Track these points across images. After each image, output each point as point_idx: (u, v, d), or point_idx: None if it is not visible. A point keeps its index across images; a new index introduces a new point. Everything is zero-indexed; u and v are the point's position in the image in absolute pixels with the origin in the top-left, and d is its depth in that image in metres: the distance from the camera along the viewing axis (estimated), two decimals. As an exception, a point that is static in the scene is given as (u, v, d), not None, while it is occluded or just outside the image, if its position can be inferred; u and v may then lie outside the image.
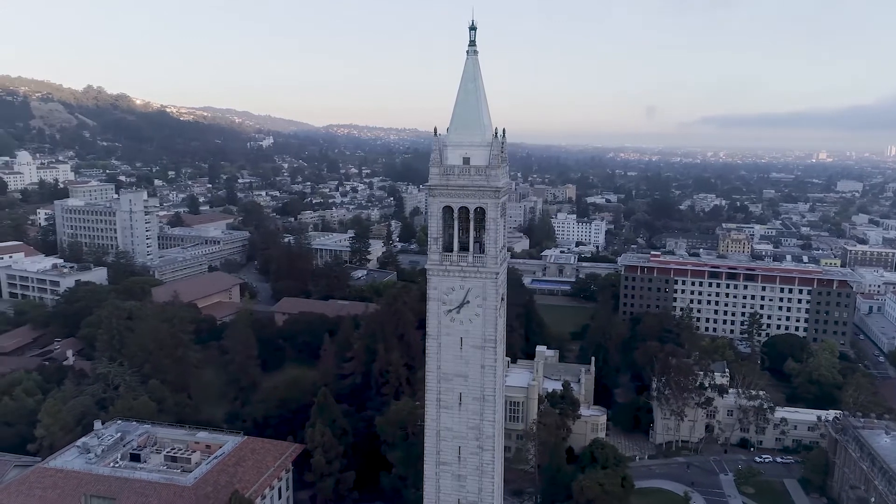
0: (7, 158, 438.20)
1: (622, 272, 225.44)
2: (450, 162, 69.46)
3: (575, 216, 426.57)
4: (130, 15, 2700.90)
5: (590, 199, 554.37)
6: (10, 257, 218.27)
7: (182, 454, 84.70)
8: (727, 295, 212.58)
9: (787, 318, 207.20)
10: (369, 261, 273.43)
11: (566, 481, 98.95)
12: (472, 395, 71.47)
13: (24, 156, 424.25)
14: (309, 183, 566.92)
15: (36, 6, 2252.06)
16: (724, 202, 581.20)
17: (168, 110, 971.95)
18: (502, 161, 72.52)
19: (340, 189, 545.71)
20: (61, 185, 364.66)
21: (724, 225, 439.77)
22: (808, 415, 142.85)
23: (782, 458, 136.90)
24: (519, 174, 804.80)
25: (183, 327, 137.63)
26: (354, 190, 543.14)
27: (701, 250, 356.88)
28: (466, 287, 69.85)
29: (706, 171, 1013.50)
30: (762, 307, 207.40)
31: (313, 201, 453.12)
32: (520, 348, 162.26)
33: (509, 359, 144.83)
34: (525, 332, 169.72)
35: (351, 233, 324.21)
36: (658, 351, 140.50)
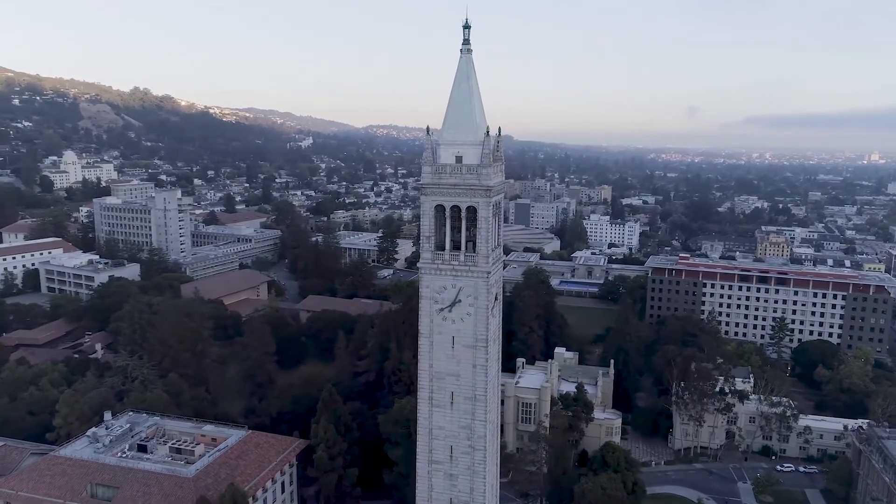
0: (55, 158, 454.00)
1: (649, 274, 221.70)
2: (442, 160, 69.54)
3: (608, 217, 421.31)
4: (180, 18, 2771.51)
5: (626, 201, 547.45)
6: (50, 253, 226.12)
7: (187, 446, 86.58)
8: (758, 299, 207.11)
9: (821, 324, 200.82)
10: (397, 260, 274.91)
11: (571, 484, 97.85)
12: (464, 394, 71.39)
13: (69, 155, 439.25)
14: (344, 183, 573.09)
15: (88, 10, 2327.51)
16: (765, 204, 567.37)
17: (211, 111, 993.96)
18: (496, 160, 72.22)
19: (375, 189, 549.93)
20: (103, 184, 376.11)
21: (763, 227, 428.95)
22: (835, 423, 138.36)
23: (806, 468, 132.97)
24: (556, 175, 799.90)
25: (203, 323, 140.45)
26: (388, 190, 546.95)
27: (737, 253, 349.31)
28: (458, 286, 69.79)
29: (750, 172, 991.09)
30: (794, 312, 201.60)
31: (346, 201, 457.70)
32: (539, 350, 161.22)
33: (524, 360, 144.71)
34: (545, 333, 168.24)
35: (380, 232, 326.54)
36: (676, 355, 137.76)
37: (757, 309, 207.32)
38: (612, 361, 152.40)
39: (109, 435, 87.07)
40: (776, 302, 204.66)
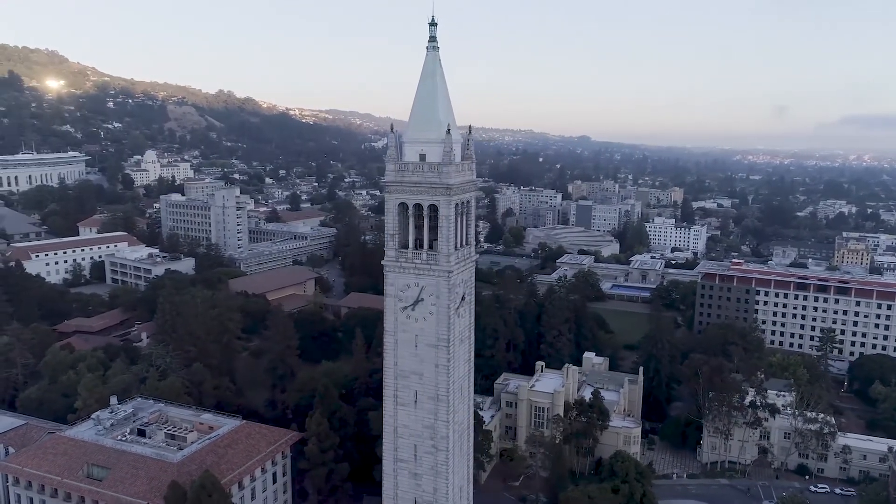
0: (138, 157, 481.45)
1: (699, 280, 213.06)
2: (407, 158, 69.47)
3: (674, 221, 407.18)
4: (269, 24, 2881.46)
5: (698, 204, 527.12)
6: (115, 246, 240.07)
7: (181, 433, 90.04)
8: (815, 309, 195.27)
9: (885, 337, 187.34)
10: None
11: (560, 491, 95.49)
12: (428, 393, 71.09)
13: (149, 154, 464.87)
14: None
15: (183, 17, 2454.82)
16: (853, 209, 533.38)
17: (291, 113, 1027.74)
18: (465, 158, 71.63)
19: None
20: (178, 182, 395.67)
21: (844, 234, 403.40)
22: (880, 444, 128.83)
23: (842, 490, 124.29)
24: (629, 177, 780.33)
25: (230, 315, 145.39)
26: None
27: (810, 260, 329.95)
28: (421, 285, 69.57)
29: (842, 175, 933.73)
30: (854, 324, 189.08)
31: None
32: (568, 354, 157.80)
33: (543, 363, 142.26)
34: (575, 337, 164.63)
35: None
36: (703, 364, 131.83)
37: (814, 319, 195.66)
38: (640, 369, 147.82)
39: (111, 419, 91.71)
40: (835, 312, 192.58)
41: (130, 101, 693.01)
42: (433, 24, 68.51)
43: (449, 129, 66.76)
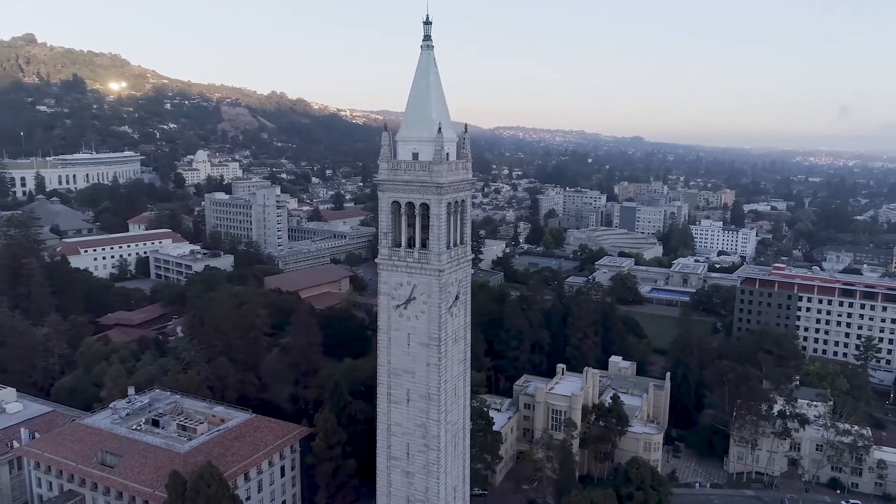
0: (191, 157, 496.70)
1: (738, 285, 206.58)
2: (400, 157, 69.63)
3: (721, 224, 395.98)
4: (323, 26, 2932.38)
5: (750, 206, 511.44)
6: (160, 243, 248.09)
7: (192, 424, 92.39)
8: (861, 317, 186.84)
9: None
10: (481, 260, 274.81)
11: (562, 495, 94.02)
12: (419, 392, 71.09)
13: (200, 154, 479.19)
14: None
15: (240, 20, 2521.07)
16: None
17: (342, 113, 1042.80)
18: (460, 157, 71.41)
19: (485, 189, 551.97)
20: (226, 182, 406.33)
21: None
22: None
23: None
24: (681, 178, 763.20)
25: (256, 311, 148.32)
26: (497, 191, 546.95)
27: (865, 266, 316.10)
28: (413, 283, 69.60)
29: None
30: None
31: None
32: (594, 357, 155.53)
33: (564, 366, 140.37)
34: (603, 341, 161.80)
35: (478, 231, 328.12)
36: (729, 371, 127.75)
37: (860, 328, 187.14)
38: (668, 374, 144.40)
39: (128, 408, 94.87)
40: (882, 321, 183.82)
41: (187, 102, 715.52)
42: (427, 22, 68.44)
43: (440, 129, 66.49)
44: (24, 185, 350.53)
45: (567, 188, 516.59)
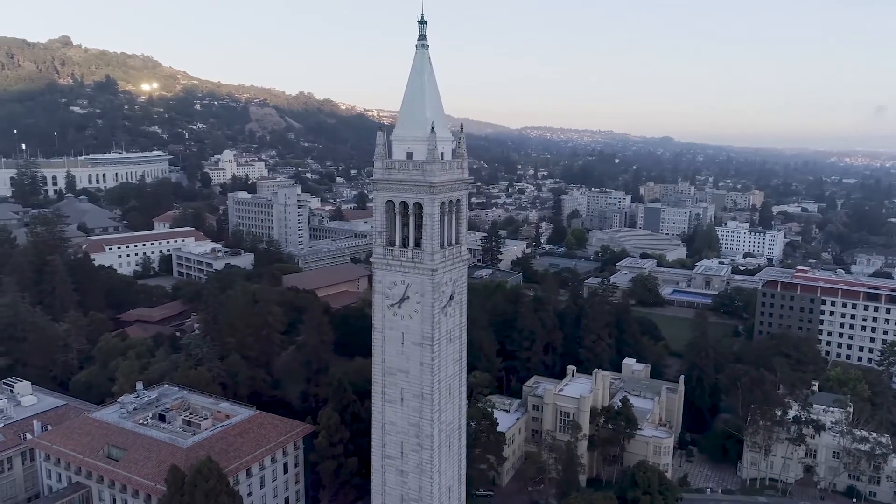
0: (218, 157, 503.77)
1: (759, 288, 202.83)
2: (395, 156, 69.82)
3: (748, 225, 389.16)
4: (349, 28, 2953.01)
5: (780, 208, 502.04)
6: (183, 241, 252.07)
7: (197, 420, 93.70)
8: (887, 321, 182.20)
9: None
10: (500, 260, 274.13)
11: (562, 498, 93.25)
12: (413, 391, 71.14)
13: (227, 154, 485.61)
14: (479, 183, 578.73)
15: (273, 19, 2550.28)
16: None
17: (369, 114, 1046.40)
18: (456, 157, 71.37)
19: (509, 190, 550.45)
20: (251, 181, 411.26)
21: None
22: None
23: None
24: (710, 179, 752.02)
25: (270, 310, 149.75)
26: (521, 191, 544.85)
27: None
28: (406, 282, 69.67)
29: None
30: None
31: (475, 201, 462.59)
32: (608, 359, 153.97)
33: (574, 368, 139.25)
34: (617, 342, 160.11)
35: (498, 231, 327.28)
36: (742, 374, 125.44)
37: (885, 332, 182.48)
38: (681, 377, 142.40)
39: (135, 403, 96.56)
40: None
41: (216, 103, 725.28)
42: (422, 21, 68.49)
43: (433, 128, 66.43)
44: (55, 183, 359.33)
45: (592, 189, 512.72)
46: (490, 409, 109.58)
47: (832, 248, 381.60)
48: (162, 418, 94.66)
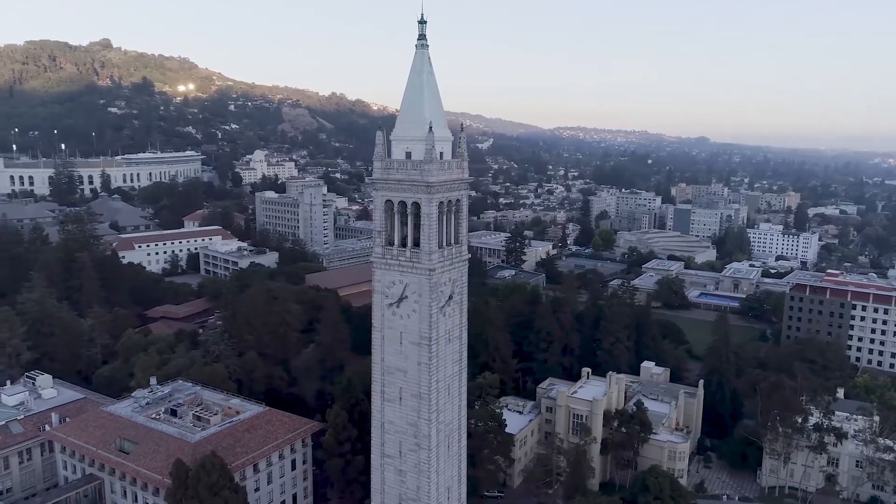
0: (249, 157, 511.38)
1: (788, 291, 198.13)
2: (394, 156, 69.92)
3: (781, 227, 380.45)
4: (384, 28, 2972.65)
5: (818, 210, 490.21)
6: (210, 239, 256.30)
7: (207, 415, 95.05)
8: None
9: None
10: (524, 262, 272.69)
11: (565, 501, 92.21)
12: (411, 391, 71.15)
13: (258, 154, 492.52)
14: (507, 184, 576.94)
15: (304, 22, 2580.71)
16: None
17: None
18: (456, 156, 71.23)
19: (538, 190, 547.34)
20: (280, 181, 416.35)
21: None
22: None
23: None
24: (745, 180, 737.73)
25: (288, 308, 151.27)
26: (550, 192, 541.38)
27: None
28: (405, 282, 69.69)
29: None
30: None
31: (504, 202, 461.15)
32: (627, 362, 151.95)
33: (589, 370, 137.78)
34: (636, 345, 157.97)
35: (524, 232, 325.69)
36: (761, 379, 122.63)
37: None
38: (701, 382, 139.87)
39: (148, 398, 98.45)
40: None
41: (249, 103, 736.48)
42: (422, 21, 68.44)
43: (431, 128, 66.29)
44: (91, 182, 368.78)
45: (622, 189, 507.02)
46: (498, 411, 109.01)
47: (870, 251, 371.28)
48: (174, 413, 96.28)
